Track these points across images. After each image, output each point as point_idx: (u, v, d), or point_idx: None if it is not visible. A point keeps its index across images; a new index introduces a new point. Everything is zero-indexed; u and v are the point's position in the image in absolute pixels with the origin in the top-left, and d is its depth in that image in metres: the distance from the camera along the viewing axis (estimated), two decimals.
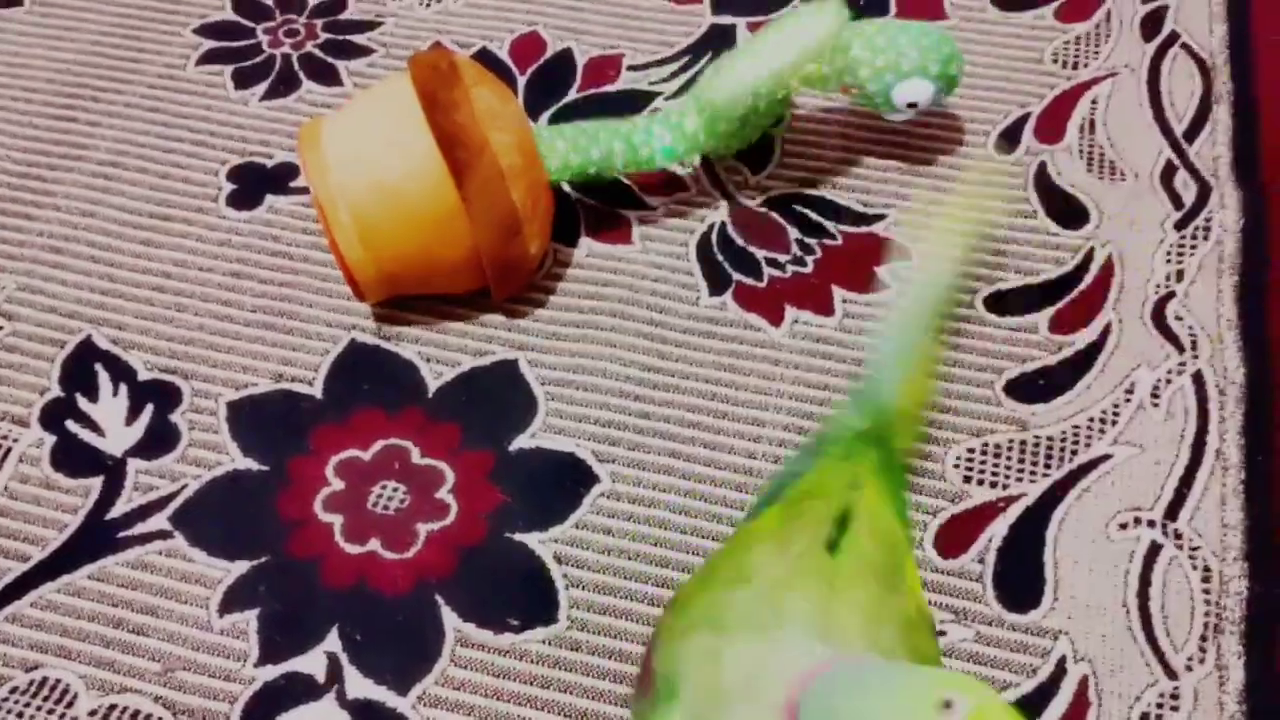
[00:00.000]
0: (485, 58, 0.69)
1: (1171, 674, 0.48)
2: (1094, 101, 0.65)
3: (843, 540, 0.39)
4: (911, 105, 0.58)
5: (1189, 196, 0.61)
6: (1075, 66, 0.67)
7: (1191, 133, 0.63)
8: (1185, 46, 0.67)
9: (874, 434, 0.43)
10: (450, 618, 0.50)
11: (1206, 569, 0.50)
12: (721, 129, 0.58)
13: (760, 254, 0.60)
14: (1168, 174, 0.62)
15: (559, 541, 0.52)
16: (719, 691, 0.35)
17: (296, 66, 0.70)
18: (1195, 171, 0.62)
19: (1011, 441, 0.54)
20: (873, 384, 0.45)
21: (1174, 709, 0.47)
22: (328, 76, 0.69)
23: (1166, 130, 0.64)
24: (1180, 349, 0.56)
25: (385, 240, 0.54)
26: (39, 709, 0.48)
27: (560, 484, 0.53)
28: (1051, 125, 0.64)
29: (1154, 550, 0.50)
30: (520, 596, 0.51)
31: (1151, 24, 0.68)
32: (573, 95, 0.67)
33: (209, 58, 0.71)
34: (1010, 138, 0.64)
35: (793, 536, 0.39)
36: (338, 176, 0.54)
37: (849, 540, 0.39)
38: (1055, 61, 0.67)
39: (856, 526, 0.39)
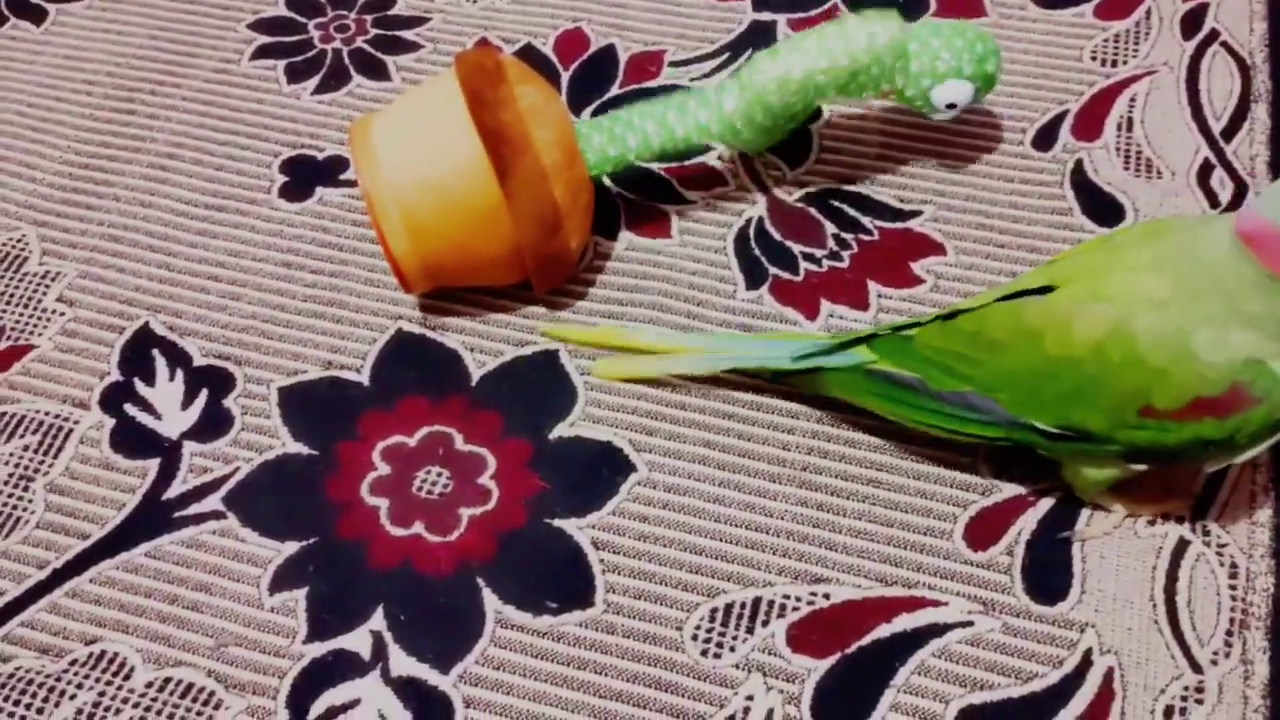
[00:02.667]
0: (530, 53, 0.71)
1: (1197, 668, 0.48)
2: (1132, 99, 0.65)
3: None
4: (951, 106, 0.59)
5: (1225, 195, 0.61)
6: (1114, 64, 0.67)
7: (1229, 131, 0.64)
8: (1225, 45, 0.67)
9: None
10: (491, 599, 0.52)
11: (1234, 565, 0.50)
12: (759, 118, 0.58)
13: (797, 248, 0.61)
14: (1204, 172, 0.62)
15: (596, 528, 0.53)
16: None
17: (347, 61, 0.72)
18: (1232, 170, 0.62)
19: None
20: None
21: (1198, 702, 0.48)
22: (377, 71, 0.71)
23: (1204, 128, 0.64)
24: None
25: (431, 234, 0.55)
26: (98, 680, 0.51)
27: (598, 472, 0.55)
28: (1089, 123, 0.65)
29: (1181, 546, 0.51)
30: (558, 580, 0.52)
31: (1191, 22, 0.69)
32: (615, 90, 0.69)
33: (262, 52, 0.73)
34: (1048, 135, 0.65)
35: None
36: (386, 172, 0.55)
37: None
38: (1094, 59, 0.68)
39: None
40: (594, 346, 0.58)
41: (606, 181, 0.65)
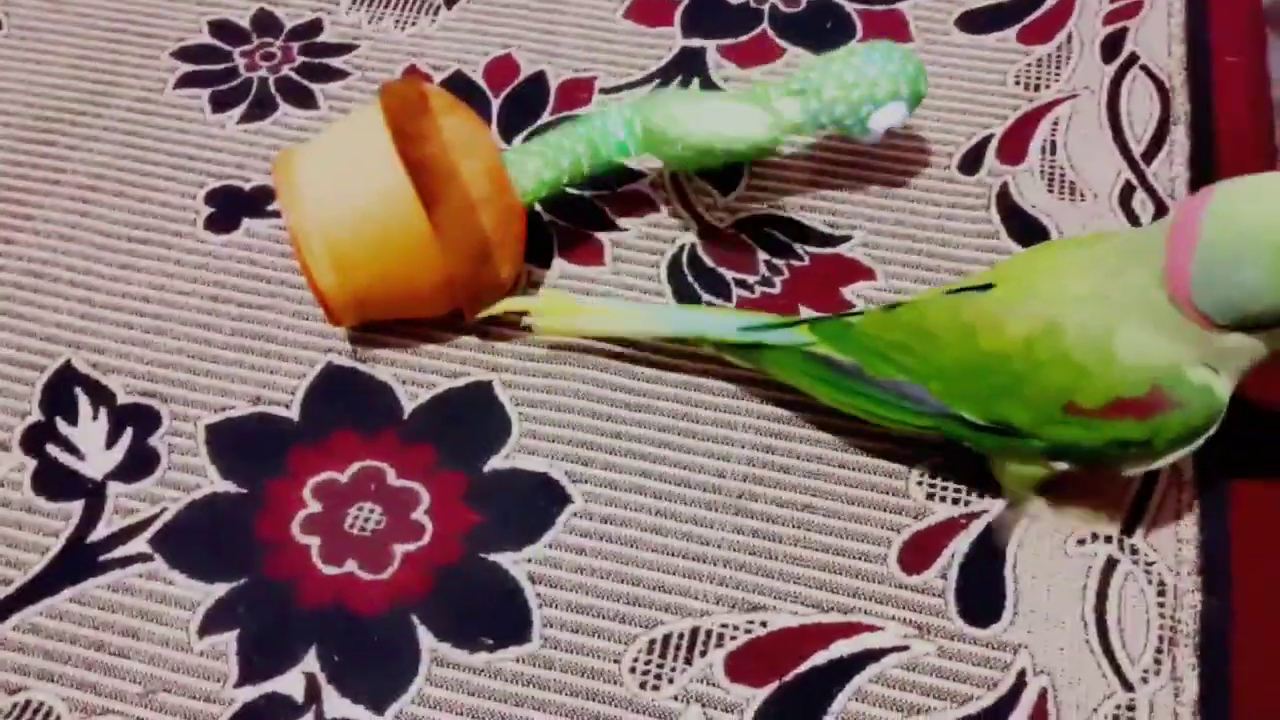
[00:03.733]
0: (459, 80, 0.70)
1: (1128, 686, 0.49)
2: (1055, 123, 0.67)
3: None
4: (888, 130, 0.60)
5: (1146, 216, 0.62)
6: (1037, 88, 0.68)
7: (1150, 153, 0.65)
8: (1144, 68, 0.69)
9: None
10: (426, 637, 0.51)
11: (1162, 583, 0.51)
12: (664, 151, 0.58)
13: (729, 274, 0.62)
14: (1126, 194, 0.63)
15: (533, 561, 0.53)
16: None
17: (273, 89, 0.71)
18: (1153, 191, 0.63)
19: (974, 459, 0.55)
20: None
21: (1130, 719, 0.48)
22: (304, 99, 0.70)
23: (1125, 151, 0.65)
24: None
25: (358, 267, 0.55)
26: None
27: (534, 504, 0.55)
28: (1014, 146, 0.66)
29: (1110, 565, 0.52)
30: (495, 616, 0.52)
31: (1111, 46, 0.70)
32: (546, 117, 0.69)
33: (186, 81, 0.71)
34: (974, 159, 0.65)
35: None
36: (310, 205, 0.55)
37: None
38: (1018, 83, 0.69)
39: None
40: (538, 313, 0.58)
41: (539, 209, 0.64)
